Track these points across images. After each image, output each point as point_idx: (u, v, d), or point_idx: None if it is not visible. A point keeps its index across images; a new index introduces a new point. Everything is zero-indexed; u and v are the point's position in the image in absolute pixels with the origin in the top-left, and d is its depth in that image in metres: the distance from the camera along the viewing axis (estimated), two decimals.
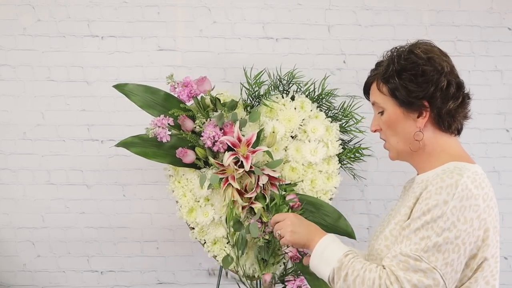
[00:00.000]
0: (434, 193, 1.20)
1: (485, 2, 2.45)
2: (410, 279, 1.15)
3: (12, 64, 2.40)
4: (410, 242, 1.19)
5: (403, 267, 1.17)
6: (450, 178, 1.20)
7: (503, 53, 2.47)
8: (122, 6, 2.39)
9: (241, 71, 2.09)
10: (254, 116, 1.88)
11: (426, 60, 1.30)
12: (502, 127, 2.50)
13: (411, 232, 1.20)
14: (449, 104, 1.30)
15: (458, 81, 1.31)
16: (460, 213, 1.18)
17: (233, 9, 2.41)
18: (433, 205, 1.19)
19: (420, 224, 1.19)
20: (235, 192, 1.79)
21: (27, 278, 2.51)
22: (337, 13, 2.43)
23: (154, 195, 2.47)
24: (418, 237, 1.19)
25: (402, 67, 1.31)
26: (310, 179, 1.91)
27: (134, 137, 1.86)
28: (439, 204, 1.18)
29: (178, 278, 2.54)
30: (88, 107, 2.43)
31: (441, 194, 1.19)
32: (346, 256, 1.28)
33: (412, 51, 1.33)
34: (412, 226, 1.21)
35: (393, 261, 1.19)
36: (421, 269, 1.16)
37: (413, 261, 1.17)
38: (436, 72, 1.29)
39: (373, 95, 1.39)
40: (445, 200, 1.18)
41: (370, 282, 1.19)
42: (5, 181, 2.45)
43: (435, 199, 1.19)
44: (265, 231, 1.80)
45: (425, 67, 1.29)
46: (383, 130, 1.39)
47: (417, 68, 1.30)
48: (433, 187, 1.21)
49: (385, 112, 1.36)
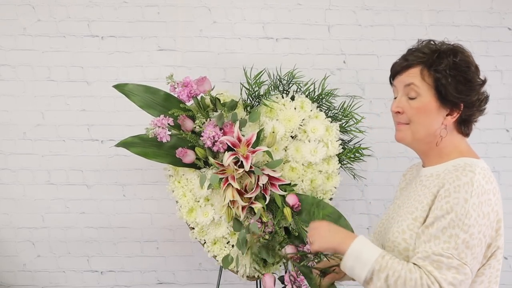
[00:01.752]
0: (453, 191, 1.27)
1: (485, 2, 2.45)
2: (446, 277, 1.22)
3: (12, 64, 2.40)
4: (439, 241, 1.25)
5: (437, 266, 1.24)
6: (465, 176, 1.28)
7: (503, 53, 2.47)
8: (122, 6, 2.39)
9: (241, 71, 2.09)
10: (254, 116, 1.88)
11: (475, 68, 1.38)
12: (502, 127, 2.50)
13: (439, 231, 1.26)
14: (477, 114, 1.40)
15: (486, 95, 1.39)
16: (479, 209, 1.26)
17: (233, 9, 2.41)
18: (455, 204, 1.26)
19: (447, 223, 1.26)
20: (235, 192, 1.79)
21: (27, 278, 2.51)
22: (337, 13, 2.43)
23: (154, 195, 2.48)
24: (446, 236, 1.25)
25: (457, 65, 1.35)
26: (310, 179, 1.91)
27: (134, 137, 1.86)
28: (460, 202, 1.25)
29: (178, 278, 2.54)
30: (88, 107, 2.43)
31: (460, 192, 1.26)
32: (383, 257, 1.30)
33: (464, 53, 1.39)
34: (438, 225, 1.27)
35: (426, 261, 1.25)
36: (453, 266, 1.23)
37: (446, 259, 1.23)
38: (481, 83, 1.37)
39: (412, 78, 1.38)
40: (465, 198, 1.25)
41: (412, 283, 1.24)
42: (5, 181, 2.45)
43: (455, 197, 1.26)
44: (265, 231, 1.80)
45: (474, 75, 1.37)
46: (408, 114, 1.39)
47: (469, 72, 1.36)
48: (451, 186, 1.28)
49: (419, 98, 1.37)
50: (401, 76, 1.40)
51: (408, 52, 1.43)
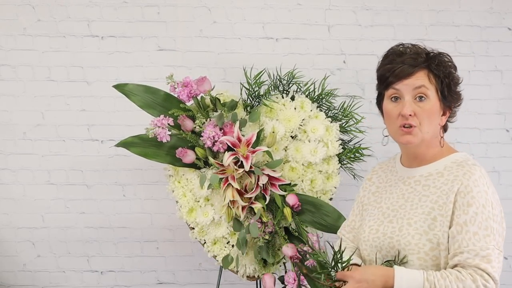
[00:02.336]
0: (474, 186, 1.33)
1: (485, 2, 2.44)
2: (496, 269, 1.29)
3: (12, 64, 2.40)
4: (479, 236, 1.30)
5: (488, 260, 1.28)
6: (475, 171, 1.36)
7: (503, 53, 2.47)
8: (122, 6, 2.39)
9: (241, 71, 2.09)
10: (254, 116, 1.89)
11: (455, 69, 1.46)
12: (502, 127, 2.50)
13: (475, 227, 1.31)
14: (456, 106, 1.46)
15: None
16: (495, 198, 1.35)
17: (233, 9, 2.40)
18: (479, 197, 1.32)
19: (481, 217, 1.31)
20: (235, 192, 1.79)
21: (27, 278, 2.51)
22: (337, 13, 2.42)
23: (154, 195, 2.47)
24: (483, 229, 1.30)
25: (451, 67, 1.44)
26: (310, 179, 1.91)
27: (134, 137, 1.86)
28: (483, 195, 1.33)
29: (178, 278, 2.54)
30: (88, 107, 2.42)
31: (479, 186, 1.33)
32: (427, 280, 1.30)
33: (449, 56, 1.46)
34: (473, 220, 1.31)
35: (476, 259, 1.28)
36: (497, 257, 1.30)
37: (492, 251, 1.29)
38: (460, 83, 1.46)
39: (422, 81, 1.40)
40: (485, 190, 1.33)
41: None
42: (5, 181, 2.45)
43: (478, 192, 1.33)
44: (265, 231, 1.80)
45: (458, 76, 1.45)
46: (420, 116, 1.40)
47: (456, 74, 1.45)
48: (469, 181, 1.34)
49: (427, 100, 1.40)
50: (409, 79, 1.41)
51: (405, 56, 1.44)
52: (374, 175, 1.61)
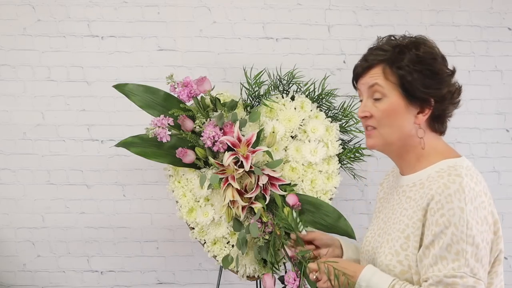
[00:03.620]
0: (445, 203, 1.15)
1: (485, 2, 2.45)
2: None
3: (12, 64, 2.40)
4: (447, 261, 1.14)
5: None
6: (453, 183, 1.16)
7: (503, 53, 2.47)
8: (122, 6, 2.39)
9: (241, 71, 2.09)
10: (254, 116, 1.88)
11: (442, 58, 1.27)
12: (502, 127, 2.50)
13: (443, 250, 1.15)
14: (451, 108, 1.28)
15: (458, 86, 1.28)
16: (477, 215, 1.15)
17: (233, 9, 2.40)
18: (451, 215, 1.14)
19: (449, 239, 1.14)
20: (235, 192, 1.79)
21: (27, 278, 2.51)
22: (337, 13, 2.43)
23: (154, 195, 2.48)
24: (453, 253, 1.14)
25: (421, 58, 1.26)
26: (310, 179, 1.91)
27: (134, 137, 1.86)
28: (456, 212, 1.14)
29: (178, 278, 2.54)
30: (88, 107, 2.43)
31: (453, 202, 1.15)
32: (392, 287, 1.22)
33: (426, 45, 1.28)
34: (441, 243, 1.15)
35: (439, 287, 1.14)
36: (469, 285, 1.13)
37: (460, 279, 1.13)
38: (450, 73, 1.26)
39: (375, 78, 1.28)
40: (459, 207, 1.14)
41: None
42: (5, 181, 2.45)
43: (450, 209, 1.15)
44: (265, 231, 1.80)
45: (441, 66, 1.26)
46: (377, 117, 1.28)
47: (435, 64, 1.25)
48: (441, 196, 1.16)
49: (385, 99, 1.27)
50: (364, 78, 1.31)
51: (368, 51, 1.34)
52: (385, 180, 1.52)
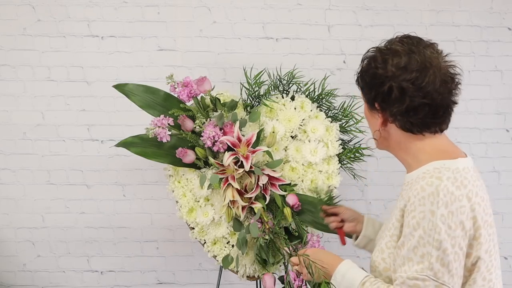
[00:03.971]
0: (418, 205, 1.17)
1: (485, 2, 2.44)
2: None
3: (12, 64, 2.40)
4: (413, 262, 1.17)
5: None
6: (429, 186, 1.17)
7: (503, 53, 2.47)
8: (122, 6, 2.39)
9: (241, 71, 2.09)
10: (254, 116, 1.88)
11: (381, 62, 1.27)
12: (502, 127, 2.50)
13: (410, 252, 1.17)
14: (394, 108, 1.25)
15: (403, 85, 1.22)
16: (450, 220, 1.15)
17: (233, 9, 2.40)
18: (421, 218, 1.16)
19: (416, 241, 1.16)
20: (235, 192, 1.79)
21: (27, 278, 2.51)
22: (337, 13, 2.43)
23: (154, 195, 2.48)
24: (418, 256, 1.16)
25: (363, 69, 1.33)
26: (310, 179, 1.91)
27: (134, 137, 1.86)
28: (427, 215, 1.15)
29: (178, 278, 2.54)
30: (88, 107, 2.43)
31: (425, 205, 1.16)
32: (363, 284, 1.26)
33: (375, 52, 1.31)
34: (409, 245, 1.18)
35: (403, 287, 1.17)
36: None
37: (421, 282, 1.15)
38: (380, 76, 1.26)
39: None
40: (431, 210, 1.15)
41: None
42: (5, 181, 2.45)
43: (421, 211, 1.16)
44: (265, 231, 1.80)
45: (376, 71, 1.27)
46: None
47: (369, 71, 1.30)
48: (416, 198, 1.18)
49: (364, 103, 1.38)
50: None
51: None
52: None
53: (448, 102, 1.25)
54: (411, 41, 1.28)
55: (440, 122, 1.26)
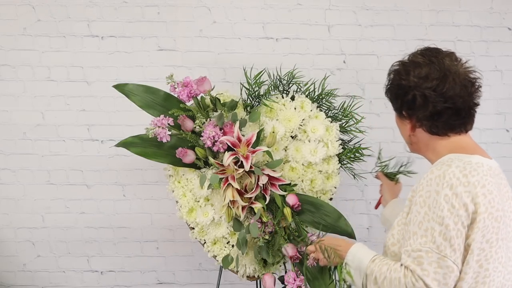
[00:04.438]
0: (426, 185, 1.30)
1: (485, 2, 2.44)
2: (428, 273, 1.24)
3: (12, 64, 2.40)
4: (417, 236, 1.27)
5: (418, 262, 1.25)
6: (438, 170, 1.29)
7: (503, 53, 2.47)
8: (122, 6, 2.39)
9: (241, 71, 2.09)
10: (254, 116, 1.88)
11: (404, 74, 1.40)
12: (502, 127, 2.50)
13: (415, 226, 1.28)
14: (419, 113, 1.39)
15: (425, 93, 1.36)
16: (454, 200, 1.25)
17: (233, 9, 2.40)
18: (427, 197, 1.28)
19: (421, 217, 1.28)
20: (235, 192, 1.79)
21: (27, 278, 2.51)
22: (337, 13, 2.42)
23: (154, 195, 2.48)
24: (422, 230, 1.27)
25: (389, 82, 1.47)
26: (310, 179, 1.91)
27: (134, 137, 1.86)
28: (432, 194, 1.27)
29: (178, 278, 2.54)
30: (88, 107, 2.43)
31: (431, 186, 1.28)
32: (373, 261, 1.37)
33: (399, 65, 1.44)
34: (415, 220, 1.29)
35: (408, 260, 1.27)
36: (433, 260, 1.24)
37: (425, 254, 1.25)
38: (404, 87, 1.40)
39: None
40: (436, 190, 1.27)
41: (396, 282, 1.27)
42: (5, 181, 2.45)
43: (427, 191, 1.29)
44: (265, 231, 1.80)
45: (400, 82, 1.41)
46: None
47: (395, 83, 1.44)
48: (424, 180, 1.31)
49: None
50: None
51: None
52: None
53: (469, 104, 1.38)
54: (431, 53, 1.41)
55: (464, 122, 1.40)
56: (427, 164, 1.44)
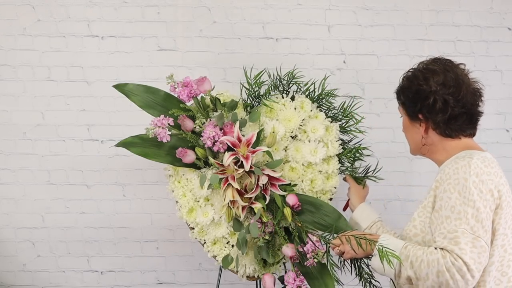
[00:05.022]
0: (453, 174, 1.39)
1: (485, 2, 2.45)
2: (465, 251, 1.30)
3: (12, 64, 2.40)
4: (451, 219, 1.35)
5: (455, 242, 1.31)
6: (462, 160, 1.40)
7: (503, 53, 2.47)
8: (122, 6, 2.39)
9: (241, 71, 2.09)
10: (254, 116, 1.88)
11: (423, 80, 1.50)
12: (502, 127, 2.50)
13: (447, 211, 1.36)
14: (438, 117, 1.48)
15: (445, 98, 1.46)
16: (481, 186, 1.36)
17: (233, 9, 2.40)
18: (456, 184, 1.37)
19: (453, 202, 1.36)
20: (235, 192, 1.79)
21: (27, 278, 2.51)
22: (337, 13, 2.43)
23: (154, 195, 2.48)
24: (456, 213, 1.34)
25: (403, 86, 1.56)
26: (310, 179, 1.91)
27: (134, 137, 1.86)
28: (461, 181, 1.36)
29: (178, 278, 2.54)
30: (88, 107, 2.43)
31: (458, 174, 1.37)
32: (406, 248, 1.41)
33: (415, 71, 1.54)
34: (446, 205, 1.37)
35: (444, 241, 1.33)
36: (469, 241, 1.31)
37: (461, 234, 1.32)
38: (424, 91, 1.49)
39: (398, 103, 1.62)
40: (464, 177, 1.36)
41: (435, 263, 1.32)
42: (5, 181, 2.45)
43: (455, 179, 1.38)
44: (265, 231, 1.80)
45: (419, 87, 1.50)
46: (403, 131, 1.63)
47: (413, 88, 1.52)
48: (450, 169, 1.40)
49: (402, 117, 1.60)
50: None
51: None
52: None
53: (477, 111, 1.51)
54: (444, 62, 1.52)
55: (474, 127, 1.52)
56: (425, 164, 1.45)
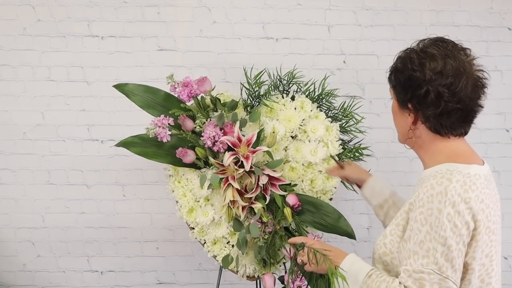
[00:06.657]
0: (427, 202, 1.23)
1: (485, 2, 2.45)
2: None
3: (12, 64, 2.40)
4: (418, 256, 1.23)
5: (420, 284, 1.21)
6: (439, 185, 1.23)
7: (503, 53, 2.47)
8: (122, 6, 2.39)
9: (241, 71, 2.09)
10: (254, 116, 1.88)
11: (418, 65, 1.29)
12: (502, 127, 2.50)
13: (416, 246, 1.23)
14: (429, 110, 1.30)
15: (440, 90, 1.27)
16: (456, 218, 1.21)
17: (233, 9, 2.40)
18: (428, 215, 1.22)
19: (423, 236, 1.22)
20: (235, 192, 1.79)
21: (27, 278, 2.51)
22: (337, 13, 2.43)
23: (154, 195, 2.48)
24: (424, 250, 1.22)
25: (397, 67, 1.36)
26: (310, 179, 1.91)
27: (134, 137, 1.86)
28: (434, 212, 1.21)
29: (178, 278, 2.54)
30: (88, 107, 2.43)
31: (433, 203, 1.22)
32: (369, 276, 1.32)
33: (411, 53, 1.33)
34: (415, 239, 1.24)
35: (409, 280, 1.23)
36: (435, 282, 1.21)
37: (427, 275, 1.21)
38: (417, 79, 1.29)
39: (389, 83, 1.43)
40: (438, 208, 1.21)
41: None
42: (5, 181, 2.45)
43: (429, 208, 1.22)
44: (265, 231, 1.80)
45: (413, 73, 1.30)
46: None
47: (405, 72, 1.32)
48: (424, 195, 1.24)
49: (392, 100, 1.41)
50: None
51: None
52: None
53: (476, 106, 1.32)
54: (446, 45, 1.31)
55: (468, 125, 1.35)
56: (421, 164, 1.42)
